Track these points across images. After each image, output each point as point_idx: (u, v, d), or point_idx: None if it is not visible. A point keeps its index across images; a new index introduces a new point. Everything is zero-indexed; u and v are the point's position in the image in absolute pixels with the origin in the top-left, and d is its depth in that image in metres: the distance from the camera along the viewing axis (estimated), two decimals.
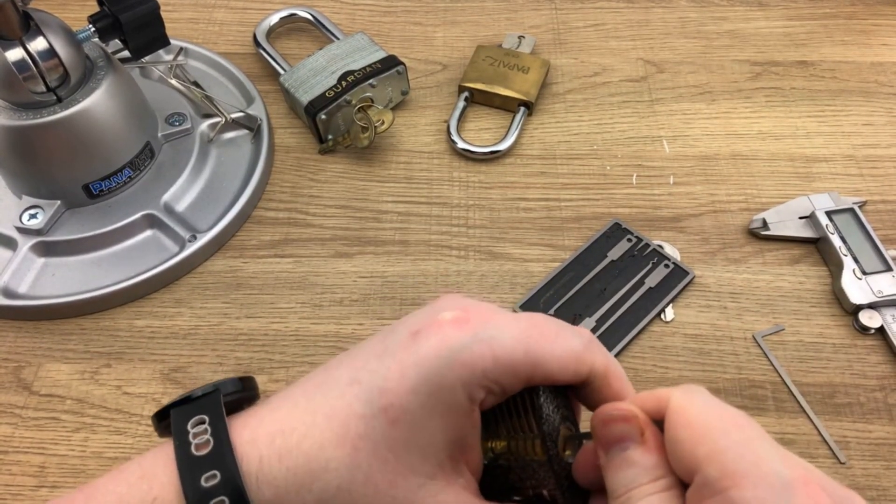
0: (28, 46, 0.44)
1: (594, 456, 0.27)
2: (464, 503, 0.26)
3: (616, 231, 0.51)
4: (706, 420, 0.23)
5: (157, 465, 0.25)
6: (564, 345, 0.27)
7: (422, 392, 0.25)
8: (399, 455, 0.25)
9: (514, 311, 0.46)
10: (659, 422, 0.25)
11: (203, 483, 0.24)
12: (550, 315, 0.32)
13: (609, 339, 0.46)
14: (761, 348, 0.46)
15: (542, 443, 0.26)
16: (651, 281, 0.48)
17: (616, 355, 0.45)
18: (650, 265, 0.49)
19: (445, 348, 0.26)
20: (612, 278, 0.48)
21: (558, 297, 0.48)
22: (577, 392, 0.28)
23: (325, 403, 0.26)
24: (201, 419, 0.26)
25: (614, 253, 0.50)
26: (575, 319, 0.46)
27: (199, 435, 0.26)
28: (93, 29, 0.47)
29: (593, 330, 0.46)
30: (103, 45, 0.50)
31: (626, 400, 0.26)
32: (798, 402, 0.44)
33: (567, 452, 0.27)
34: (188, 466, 0.25)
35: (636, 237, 0.50)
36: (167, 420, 0.27)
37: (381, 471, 0.25)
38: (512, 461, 0.27)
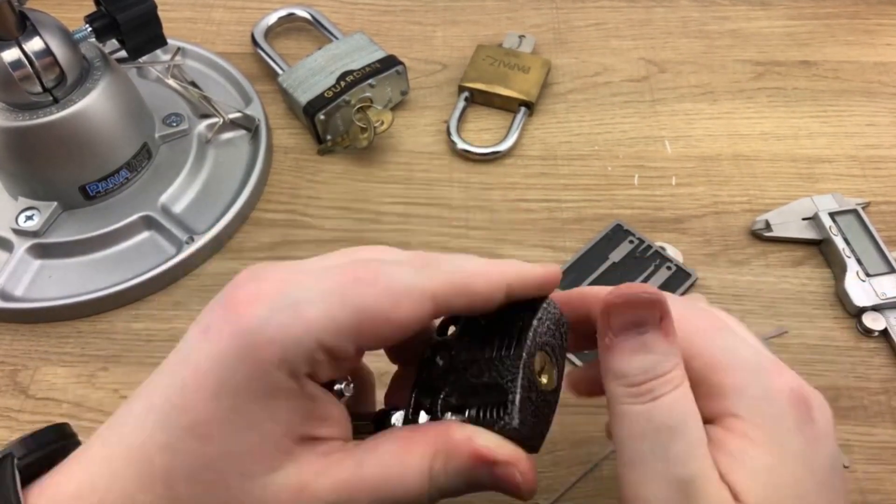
0: (24, 47, 0.44)
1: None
2: (334, 470, 0.23)
3: (618, 232, 0.50)
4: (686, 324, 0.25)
5: None
6: (387, 283, 0.23)
7: (225, 395, 0.21)
8: (224, 470, 0.22)
9: None
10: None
11: None
12: None
13: None
14: None
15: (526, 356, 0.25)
16: (653, 283, 0.48)
17: None
18: (652, 267, 0.49)
19: (238, 335, 0.21)
20: (614, 280, 0.48)
21: None
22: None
23: (121, 445, 0.22)
24: None
25: (616, 255, 0.49)
26: None
27: None
28: (89, 29, 0.47)
29: None
30: (100, 45, 0.50)
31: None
32: None
33: (544, 380, 0.26)
34: None
35: (638, 239, 0.50)
36: None
37: (211, 494, 0.22)
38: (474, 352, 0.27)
